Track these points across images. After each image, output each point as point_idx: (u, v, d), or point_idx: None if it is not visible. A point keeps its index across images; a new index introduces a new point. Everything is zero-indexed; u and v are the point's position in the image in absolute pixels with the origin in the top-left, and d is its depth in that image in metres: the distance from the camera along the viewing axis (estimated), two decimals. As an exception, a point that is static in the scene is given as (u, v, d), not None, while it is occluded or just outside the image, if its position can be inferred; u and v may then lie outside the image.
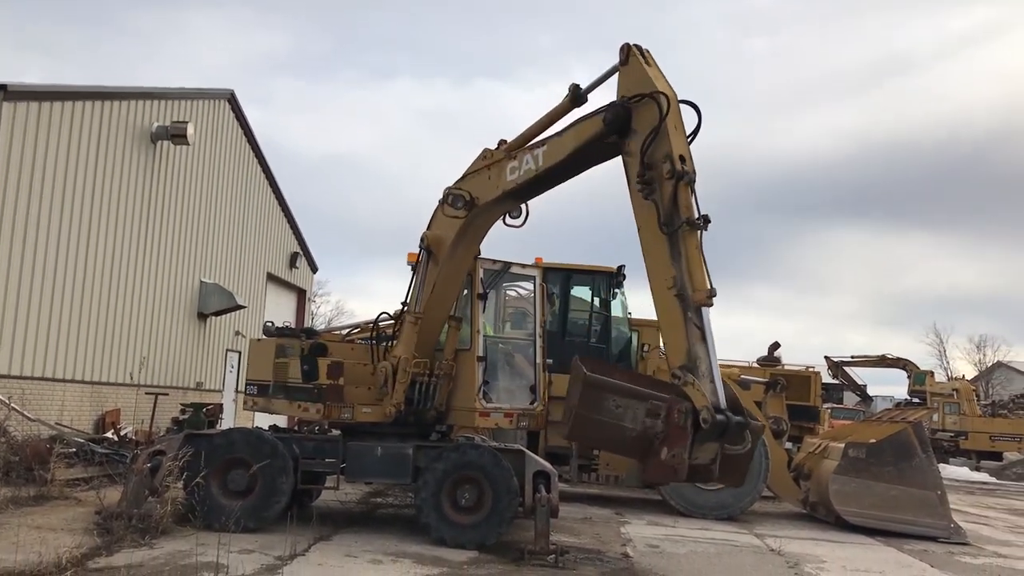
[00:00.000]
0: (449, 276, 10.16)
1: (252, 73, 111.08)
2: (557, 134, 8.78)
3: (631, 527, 12.39)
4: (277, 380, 10.51)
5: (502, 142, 9.44)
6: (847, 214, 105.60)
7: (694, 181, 7.41)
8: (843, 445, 13.50)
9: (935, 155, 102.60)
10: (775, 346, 20.19)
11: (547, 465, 10.21)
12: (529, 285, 11.71)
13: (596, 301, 15.24)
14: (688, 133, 7.71)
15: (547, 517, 9.42)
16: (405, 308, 10.18)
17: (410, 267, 11.46)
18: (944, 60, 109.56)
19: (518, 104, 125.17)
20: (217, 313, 20.05)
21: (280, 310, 24.07)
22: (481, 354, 10.47)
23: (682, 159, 7.47)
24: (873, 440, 13.52)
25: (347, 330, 13.14)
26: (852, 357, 35.58)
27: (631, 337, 15.81)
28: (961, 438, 33.62)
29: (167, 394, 17.09)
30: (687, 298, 7.28)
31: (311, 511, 10.75)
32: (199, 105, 19.31)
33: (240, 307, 20.41)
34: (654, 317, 15.65)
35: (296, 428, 13.46)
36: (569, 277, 15.26)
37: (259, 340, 11.30)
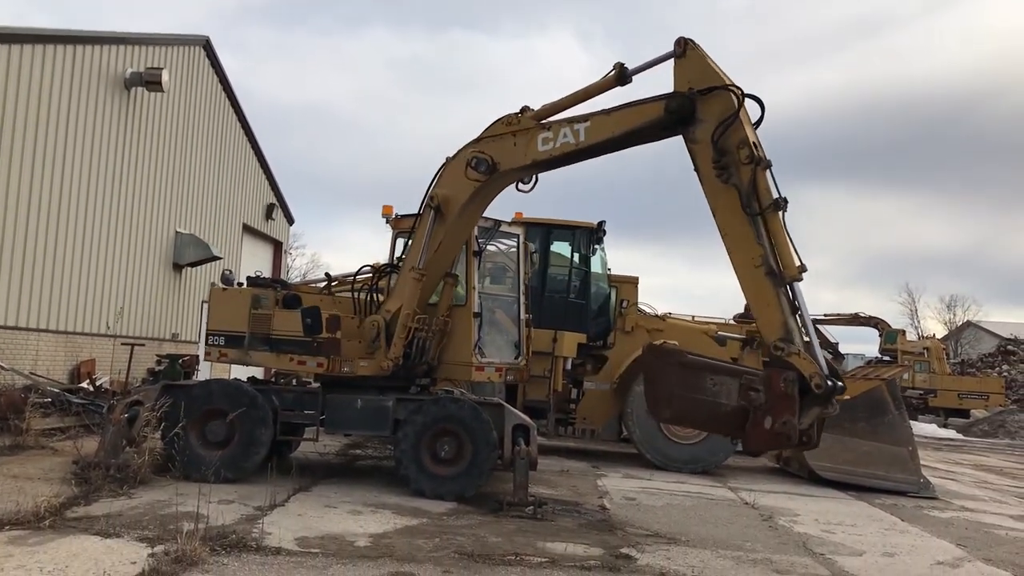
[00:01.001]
0: (455, 235, 10.15)
1: (224, 20, 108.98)
2: (604, 112, 8.75)
3: (608, 480, 12.53)
4: (256, 331, 10.34)
5: (525, 108, 9.28)
6: (821, 174, 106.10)
7: (771, 165, 7.78)
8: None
9: (909, 115, 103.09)
10: (752, 303, 20.28)
11: (526, 418, 10.28)
12: (512, 242, 11.74)
13: (576, 257, 15.23)
14: (753, 122, 8.03)
15: (526, 469, 9.52)
16: (399, 263, 10.18)
17: (385, 219, 11.42)
18: (921, 19, 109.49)
19: (494, 56, 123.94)
20: (193, 264, 19.85)
21: (256, 261, 23.85)
22: (477, 310, 10.63)
23: (755, 146, 7.81)
24: (846, 397, 13.69)
25: (324, 283, 13.07)
26: (825, 315, 35.90)
27: (610, 293, 15.84)
28: (930, 396, 34.21)
29: (143, 345, 16.97)
30: (777, 275, 7.58)
31: (290, 462, 10.78)
32: (174, 51, 18.90)
33: (216, 258, 20.22)
34: (633, 273, 15.79)
35: (272, 380, 13.43)
36: (549, 233, 15.22)
37: (226, 289, 11.09)
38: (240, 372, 14.45)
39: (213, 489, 8.45)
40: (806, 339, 7.57)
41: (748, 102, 7.99)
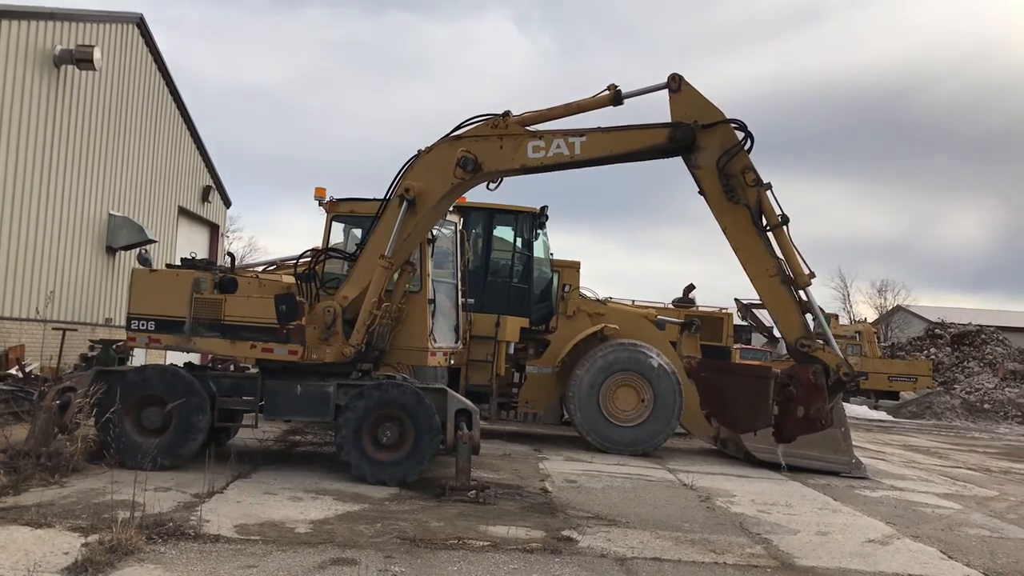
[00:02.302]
0: (424, 227, 10.22)
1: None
2: (601, 130, 9.28)
3: (549, 463, 12.62)
4: (202, 317, 9.97)
5: (507, 112, 9.57)
6: (755, 159, 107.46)
7: (771, 186, 8.72)
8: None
9: (842, 102, 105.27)
10: (690, 288, 20.60)
11: (469, 403, 10.28)
12: (450, 229, 11.80)
13: (518, 241, 15.26)
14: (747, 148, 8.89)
15: (468, 454, 9.54)
16: (357, 250, 10.22)
17: (318, 202, 11.34)
18: (855, 9, 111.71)
19: (432, 38, 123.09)
20: (127, 247, 19.34)
21: (192, 245, 23.37)
22: (431, 297, 10.76)
23: (754, 170, 8.77)
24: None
25: (262, 267, 12.89)
26: (760, 300, 36.61)
27: (552, 278, 15.91)
28: (861, 378, 35.08)
29: (75, 330, 16.54)
30: (790, 282, 8.59)
31: (229, 449, 10.64)
32: (106, 28, 18.34)
33: (151, 241, 19.72)
34: (574, 258, 15.94)
35: (210, 365, 13.21)
36: (492, 217, 15.23)
37: (154, 271, 10.82)
38: (176, 358, 14.17)
39: (149, 477, 8.29)
40: (819, 333, 8.60)
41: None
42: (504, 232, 15.40)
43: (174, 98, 22.02)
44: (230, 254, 11.36)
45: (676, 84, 9.04)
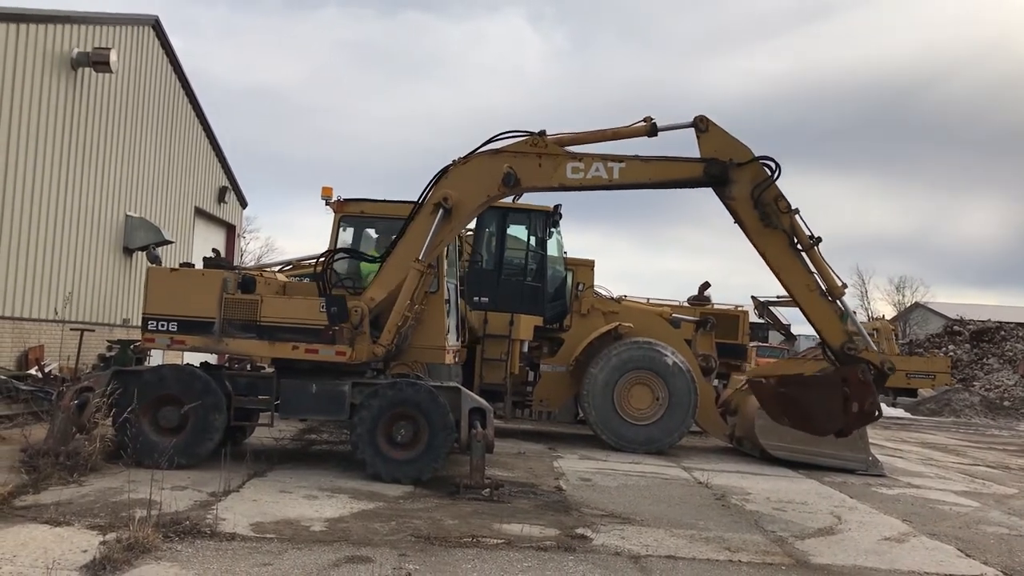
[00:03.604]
0: (456, 232, 10.82)
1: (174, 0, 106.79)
2: (640, 158, 9.95)
3: (564, 461, 12.62)
4: (234, 317, 9.89)
5: (543, 132, 10.06)
6: (771, 155, 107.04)
7: (799, 211, 9.61)
8: (769, 382, 13.86)
9: (857, 98, 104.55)
10: (705, 286, 20.55)
11: (483, 401, 10.31)
12: None
13: (532, 240, 15.26)
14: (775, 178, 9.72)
15: (482, 452, 9.56)
16: (392, 251, 10.28)
17: (324, 201, 11.43)
18: (867, 3, 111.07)
19: (446, 37, 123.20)
20: (144, 248, 19.50)
21: (209, 246, 23.49)
22: (447, 297, 10.91)
23: (785, 197, 9.63)
24: (798, 377, 13.91)
25: (278, 267, 13.00)
26: (778, 297, 36.31)
27: (566, 276, 15.92)
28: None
29: (93, 330, 16.68)
30: (827, 294, 9.52)
31: (245, 448, 10.71)
32: (122, 31, 18.49)
33: (167, 242, 19.89)
34: (588, 257, 16.00)
35: (227, 365, 13.29)
36: (505, 216, 15.22)
37: (176, 270, 10.69)
38: (192, 357, 14.26)
39: (166, 476, 8.35)
40: (855, 333, 9.57)
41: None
42: (518, 231, 15.39)
43: (190, 99, 22.17)
44: (215, 251, 11.32)
45: (704, 125, 9.82)
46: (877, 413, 9.26)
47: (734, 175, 9.68)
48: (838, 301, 9.60)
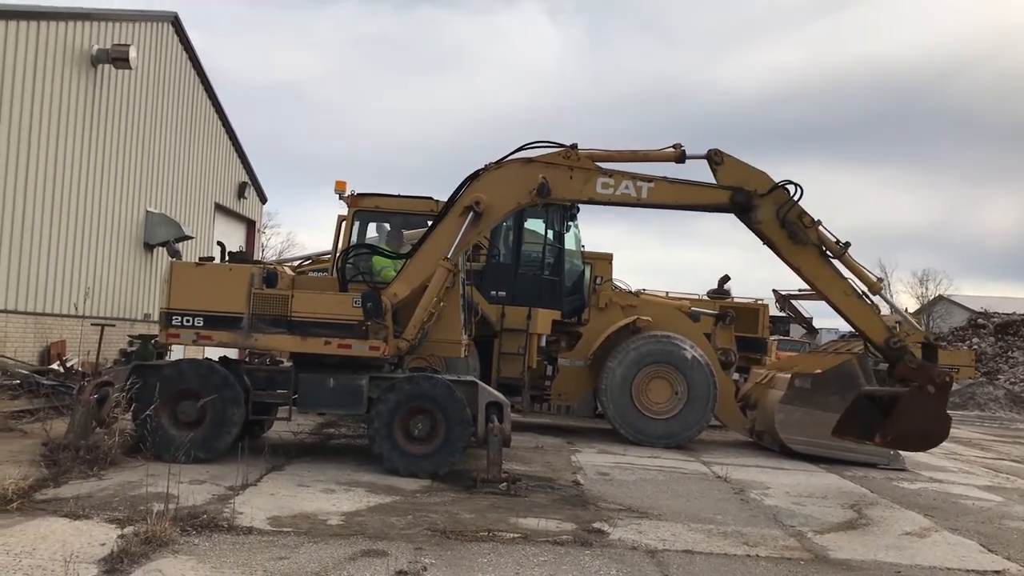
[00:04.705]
0: (482, 234, 11.17)
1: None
2: (668, 180, 10.32)
3: (582, 455, 12.59)
4: (264, 312, 9.84)
5: (575, 145, 10.36)
6: (791, 148, 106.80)
7: (821, 223, 10.06)
8: (789, 375, 13.78)
9: (879, 89, 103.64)
10: (725, 279, 20.45)
11: (500, 396, 10.29)
12: None
13: (550, 234, 15.21)
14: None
15: (499, 446, 9.55)
16: (413, 250, 10.40)
17: (338, 196, 11.47)
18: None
19: (465, 32, 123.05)
20: (164, 244, 19.63)
21: (229, 241, 23.43)
22: (462, 292, 10.95)
23: (807, 213, 10.06)
24: (818, 371, 13.83)
25: (298, 262, 13.04)
26: (799, 291, 36.12)
27: (584, 270, 15.86)
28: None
29: (114, 325, 16.80)
30: (863, 296, 10.01)
31: (263, 442, 10.75)
32: (141, 27, 18.59)
33: (188, 238, 20.02)
34: (607, 251, 16.00)
35: (247, 359, 13.35)
36: (523, 210, 15.16)
37: (201, 265, 10.49)
38: (211, 352, 14.34)
39: (184, 470, 8.41)
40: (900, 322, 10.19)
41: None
42: (535, 224, 15.36)
43: (209, 95, 22.27)
44: (219, 243, 11.26)
45: (719, 158, 10.22)
46: (948, 379, 9.45)
47: (758, 200, 10.12)
48: (877, 296, 10.14)
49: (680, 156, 10.42)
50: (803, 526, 8.60)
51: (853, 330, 10.54)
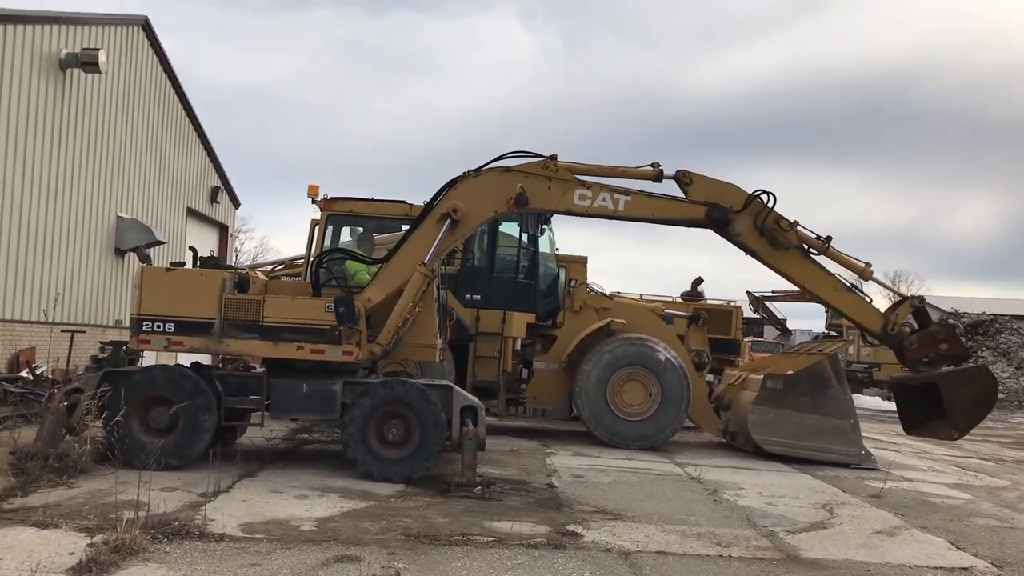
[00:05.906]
0: (459, 241, 11.26)
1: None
2: (645, 194, 10.57)
3: (557, 458, 12.61)
4: (233, 318, 9.78)
5: (554, 156, 10.53)
6: (763, 150, 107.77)
7: (799, 223, 10.34)
8: (762, 376, 13.87)
9: (849, 92, 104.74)
10: (698, 281, 20.58)
11: (474, 399, 10.29)
12: None
13: (524, 237, 15.24)
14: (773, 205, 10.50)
15: (474, 450, 9.55)
16: (388, 256, 10.44)
17: (311, 200, 11.45)
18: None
19: (438, 36, 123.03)
20: (135, 249, 19.45)
21: (202, 246, 23.23)
22: (437, 296, 10.97)
23: (783, 217, 10.35)
24: (790, 371, 13.94)
25: (270, 267, 12.98)
26: (773, 292, 36.38)
27: (558, 273, 15.91)
28: (874, 369, 34.85)
29: (84, 331, 16.64)
30: (853, 288, 10.28)
31: (236, 448, 10.67)
32: (111, 31, 18.42)
33: (159, 243, 19.85)
34: (582, 253, 16.04)
35: (219, 365, 13.27)
36: (497, 213, 15.19)
37: (171, 270, 10.40)
38: (183, 358, 14.23)
39: (156, 477, 8.34)
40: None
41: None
42: (510, 228, 15.38)
43: (180, 99, 22.10)
44: (191, 248, 11.16)
45: (688, 179, 10.49)
46: (951, 322, 9.95)
47: (734, 216, 10.36)
48: (869, 281, 10.72)
49: (658, 175, 10.62)
50: (775, 526, 8.67)
51: (828, 330, 10.92)
